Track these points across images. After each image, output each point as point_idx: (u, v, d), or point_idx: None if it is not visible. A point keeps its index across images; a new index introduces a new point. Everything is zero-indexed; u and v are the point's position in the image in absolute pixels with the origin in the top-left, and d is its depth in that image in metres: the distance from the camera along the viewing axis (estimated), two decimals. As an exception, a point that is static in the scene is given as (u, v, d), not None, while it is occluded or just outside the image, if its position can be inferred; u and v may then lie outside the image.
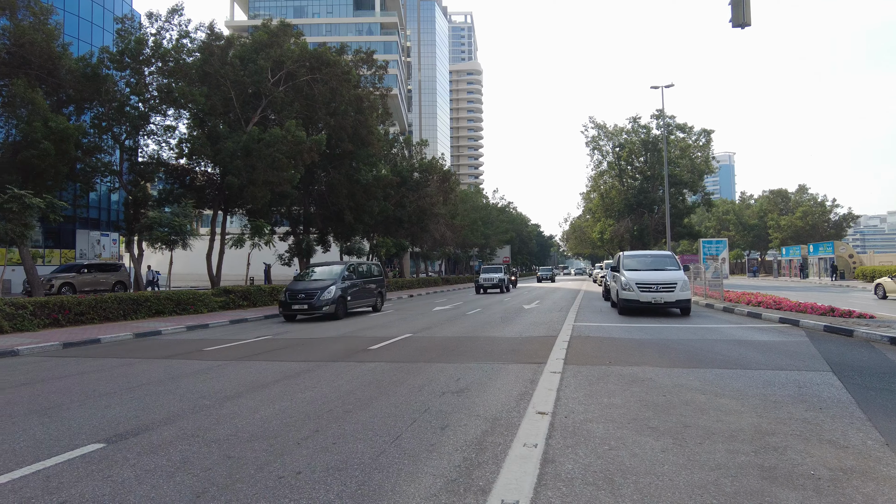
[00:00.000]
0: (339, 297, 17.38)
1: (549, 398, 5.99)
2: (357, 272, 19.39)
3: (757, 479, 3.70)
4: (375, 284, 20.72)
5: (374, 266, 22.01)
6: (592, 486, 3.62)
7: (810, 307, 14.23)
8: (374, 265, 22.17)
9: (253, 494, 3.63)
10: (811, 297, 19.26)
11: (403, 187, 39.95)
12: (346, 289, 17.90)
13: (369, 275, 20.65)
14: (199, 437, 4.94)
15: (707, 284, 21.51)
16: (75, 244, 36.80)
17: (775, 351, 9.17)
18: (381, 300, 21.12)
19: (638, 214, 53.38)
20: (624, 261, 17.86)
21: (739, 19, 12.08)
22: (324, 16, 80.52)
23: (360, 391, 6.70)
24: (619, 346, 10.09)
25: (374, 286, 20.58)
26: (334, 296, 17.17)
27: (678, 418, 5.19)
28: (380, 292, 21.04)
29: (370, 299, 20.09)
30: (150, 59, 23.59)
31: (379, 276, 21.48)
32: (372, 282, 20.46)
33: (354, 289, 18.57)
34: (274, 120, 26.83)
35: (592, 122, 56.36)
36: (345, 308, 17.78)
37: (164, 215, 22.11)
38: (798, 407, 5.54)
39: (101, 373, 8.56)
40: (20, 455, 4.55)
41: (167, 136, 25.19)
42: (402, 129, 69.92)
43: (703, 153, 53.75)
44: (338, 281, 17.71)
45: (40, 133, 18.62)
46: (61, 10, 30.93)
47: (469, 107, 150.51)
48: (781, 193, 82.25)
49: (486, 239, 68.88)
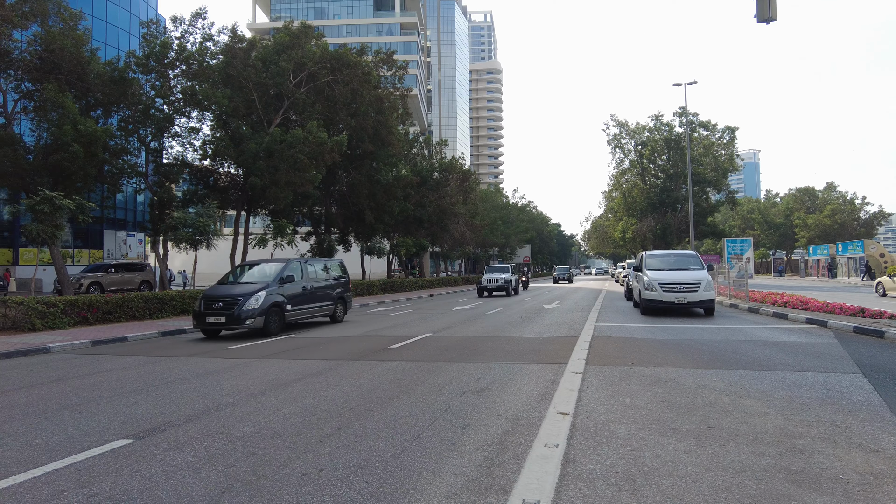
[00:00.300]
0: (272, 306, 13.30)
1: (570, 398, 5.96)
2: (305, 272, 15.23)
3: (783, 483, 3.63)
4: (334, 288, 16.58)
5: (335, 265, 17.60)
6: (614, 487, 3.60)
7: (839, 307, 13.90)
8: (336, 263, 17.74)
9: (276, 491, 3.68)
10: (840, 298, 18.83)
11: (423, 187, 40.06)
12: (283, 294, 13.85)
13: (325, 276, 16.45)
14: (223, 433, 5.03)
15: (731, 284, 21.17)
16: (103, 244, 37.66)
17: (802, 352, 8.99)
18: (342, 307, 16.93)
19: (661, 213, 52.74)
20: (646, 260, 17.67)
21: (765, 14, 11.87)
22: (344, 17, 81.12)
23: (382, 390, 6.75)
24: (642, 346, 9.99)
25: (333, 290, 16.45)
26: (262, 305, 12.99)
27: (701, 419, 5.12)
28: (341, 297, 16.86)
29: (324, 307, 15.92)
30: (174, 63, 24.03)
31: (340, 278, 17.25)
32: (329, 285, 16.35)
33: (299, 294, 14.51)
34: (296, 121, 27.12)
35: (614, 120, 55.80)
36: (281, 320, 13.60)
37: (189, 216, 22.51)
38: (826, 409, 5.43)
39: (129, 370, 8.75)
40: (53, 449, 4.69)
41: (191, 137, 25.66)
42: (422, 129, 70.13)
43: (727, 151, 52.90)
44: (271, 284, 13.63)
45: (70, 136, 19.10)
46: (89, 15, 31.65)
47: (489, 106, 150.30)
48: (808, 191, 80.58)
49: (506, 238, 68.71)
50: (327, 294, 16.07)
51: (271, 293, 13.43)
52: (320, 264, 16.75)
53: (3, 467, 4.26)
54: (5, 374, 8.67)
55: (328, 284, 16.28)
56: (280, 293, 13.74)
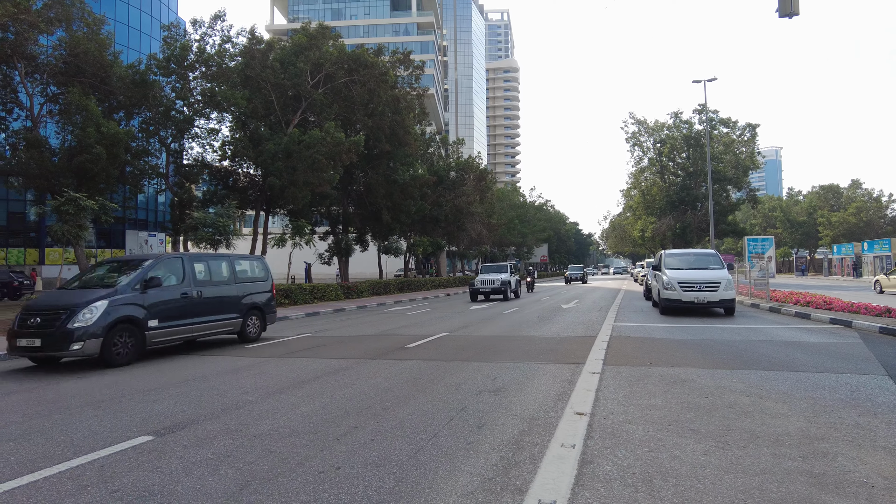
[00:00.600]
0: (120, 322, 9.16)
1: (587, 399, 5.93)
2: (188, 274, 10.81)
3: (805, 486, 3.57)
4: (245, 295, 12.08)
5: (250, 264, 13.00)
6: (631, 488, 3.57)
7: (864, 307, 13.58)
8: (255, 262, 13.17)
9: (294, 488, 3.71)
10: (865, 298, 18.44)
11: (440, 186, 40.12)
12: (144, 305, 9.66)
13: (228, 278, 11.88)
14: (242, 431, 5.09)
15: (752, 283, 20.84)
16: (125, 244, 38.33)
17: (825, 353, 8.82)
18: (258, 321, 12.41)
19: (680, 212, 52.12)
20: (666, 259, 17.48)
21: (787, 9, 11.67)
22: (361, 17, 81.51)
23: (398, 389, 6.77)
24: (661, 346, 9.89)
25: (242, 297, 11.97)
26: (102, 320, 8.91)
27: (721, 421, 5.06)
28: (255, 307, 12.31)
29: (223, 321, 11.46)
30: (194, 65, 24.40)
31: (258, 281, 12.77)
32: (237, 292, 11.90)
33: (175, 304, 10.32)
34: (313, 122, 27.34)
35: (632, 117, 55.25)
36: (137, 343, 9.48)
37: (209, 216, 22.83)
38: (850, 411, 5.32)
39: (150, 368, 8.89)
40: (77, 445, 4.79)
41: (211, 138, 26.04)
42: (438, 129, 70.17)
43: (747, 148, 52.10)
44: (122, 290, 9.49)
45: (93, 138, 19.48)
46: (112, 19, 32.26)
47: (506, 104, 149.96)
48: (832, 189, 79.02)
49: (523, 238, 68.51)
50: (231, 303, 11.69)
51: (119, 303, 9.25)
52: (221, 262, 12.02)
53: (29, 462, 4.36)
54: (30, 372, 8.88)
55: (234, 290, 11.84)
56: (137, 302, 9.54)
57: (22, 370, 9.09)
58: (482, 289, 25.85)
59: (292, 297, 23.16)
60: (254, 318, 12.33)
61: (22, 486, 3.88)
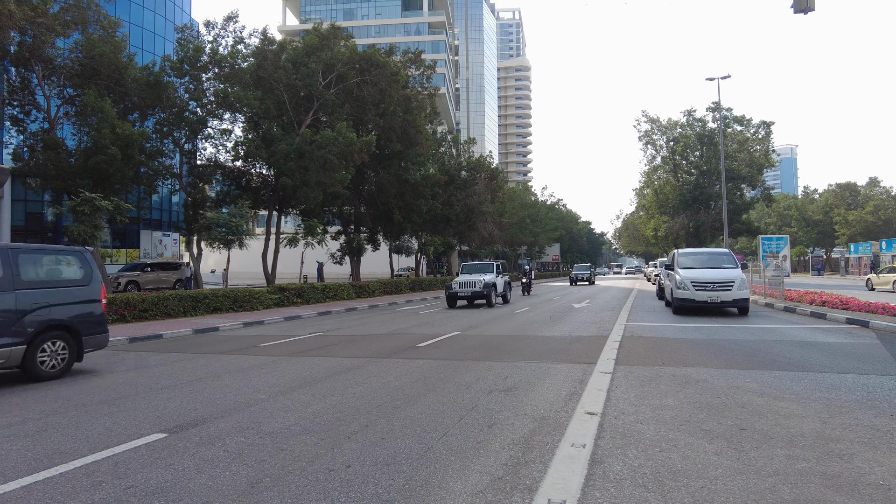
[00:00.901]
0: None
1: (598, 398, 5.90)
2: None
3: (819, 487, 3.53)
4: (37, 304, 7.86)
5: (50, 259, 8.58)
6: (642, 489, 3.55)
7: (882, 307, 13.36)
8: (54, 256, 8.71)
9: (304, 486, 3.74)
10: (884, 298, 18.16)
11: (451, 186, 40.10)
12: None
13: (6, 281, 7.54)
14: (253, 429, 5.13)
15: (767, 283, 20.61)
16: (139, 244, 38.73)
17: (841, 353, 8.70)
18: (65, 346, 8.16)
19: (693, 211, 51.67)
20: (679, 259, 17.34)
21: (802, 4, 11.54)
22: (372, 17, 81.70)
23: (409, 387, 6.79)
24: (673, 346, 9.82)
25: (29, 310, 7.73)
26: None
27: (733, 421, 5.01)
28: (57, 325, 8.09)
29: None
30: (207, 66, 24.59)
31: (67, 284, 8.46)
32: (20, 298, 7.66)
33: None
34: (325, 122, 27.46)
35: (645, 115, 54.83)
36: None
37: (222, 216, 23.03)
38: (866, 413, 5.24)
39: (163, 367, 9.00)
40: (92, 442, 4.86)
41: (224, 139, 26.21)
42: (449, 128, 70.19)
43: (762, 146, 51.45)
44: None
45: (108, 139, 19.73)
46: (126, 22, 32.57)
47: (517, 104, 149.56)
48: (849, 187, 77.85)
49: (534, 237, 68.30)
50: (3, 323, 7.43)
51: None
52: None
53: (45, 458, 4.44)
54: (48, 370, 9.01)
55: (9, 301, 7.54)
56: None
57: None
58: (460, 293, 21.02)
59: (305, 297, 23.29)
60: (55, 342, 8.05)
61: (38, 481, 3.95)
